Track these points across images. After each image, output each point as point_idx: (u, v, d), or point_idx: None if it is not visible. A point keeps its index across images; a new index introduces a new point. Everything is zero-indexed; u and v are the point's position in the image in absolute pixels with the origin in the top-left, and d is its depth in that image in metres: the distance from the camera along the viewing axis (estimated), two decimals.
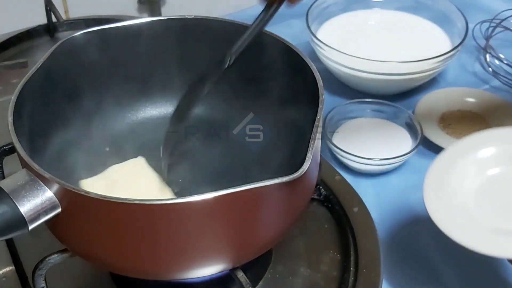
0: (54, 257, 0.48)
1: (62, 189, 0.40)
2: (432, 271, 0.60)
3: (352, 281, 0.54)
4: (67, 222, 0.43)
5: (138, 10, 1.07)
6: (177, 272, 0.45)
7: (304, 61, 0.51)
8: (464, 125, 0.75)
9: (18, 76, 0.53)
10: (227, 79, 0.60)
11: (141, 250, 0.42)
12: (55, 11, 0.83)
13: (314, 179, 0.50)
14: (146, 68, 0.60)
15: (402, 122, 0.74)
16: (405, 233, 0.64)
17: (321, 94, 0.48)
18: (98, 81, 0.58)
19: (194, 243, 0.42)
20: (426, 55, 0.76)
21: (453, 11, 0.85)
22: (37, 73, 0.49)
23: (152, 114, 0.63)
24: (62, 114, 0.55)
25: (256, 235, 0.45)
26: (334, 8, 0.90)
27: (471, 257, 0.61)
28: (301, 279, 0.55)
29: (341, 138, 0.72)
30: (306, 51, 0.82)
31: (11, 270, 0.54)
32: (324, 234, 0.60)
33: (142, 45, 0.58)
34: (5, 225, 0.40)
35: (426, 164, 0.72)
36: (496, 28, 0.91)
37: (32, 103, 0.49)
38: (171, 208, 0.39)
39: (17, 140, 0.43)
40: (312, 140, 0.43)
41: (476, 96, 0.80)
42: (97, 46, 0.55)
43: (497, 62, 0.88)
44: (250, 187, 0.39)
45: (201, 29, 0.57)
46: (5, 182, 0.41)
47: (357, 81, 0.80)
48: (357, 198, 0.61)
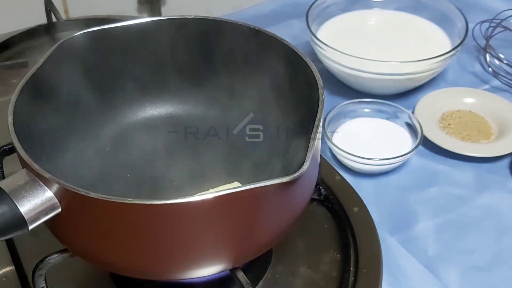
0: (54, 257, 0.48)
1: (62, 189, 0.40)
2: (432, 271, 0.60)
3: (352, 281, 0.54)
4: (67, 222, 0.43)
5: (138, 10, 1.07)
6: (177, 272, 0.45)
7: (304, 61, 0.51)
8: (464, 125, 0.75)
9: (18, 76, 0.53)
10: (227, 80, 0.60)
11: (141, 250, 0.42)
12: (55, 11, 0.83)
13: (314, 179, 0.50)
14: (145, 68, 0.60)
15: (402, 122, 0.74)
16: (405, 233, 0.64)
17: (321, 94, 0.48)
18: (98, 81, 0.58)
19: (194, 243, 0.42)
20: (426, 55, 0.76)
21: (453, 11, 0.85)
22: (37, 73, 0.49)
23: (152, 114, 0.63)
24: (62, 114, 0.55)
25: (256, 235, 0.45)
26: (334, 8, 0.90)
27: (471, 257, 0.61)
28: (301, 279, 0.55)
29: (341, 138, 0.72)
30: (306, 51, 0.82)
31: (11, 270, 0.54)
32: (324, 234, 0.60)
33: (142, 45, 0.58)
34: (5, 225, 0.40)
35: (426, 164, 0.72)
36: (496, 28, 0.91)
37: (32, 103, 0.49)
38: (171, 208, 0.39)
39: (17, 140, 0.43)
40: (312, 140, 0.43)
41: (476, 96, 0.80)
42: (97, 46, 0.55)
43: (497, 62, 0.88)
44: (250, 187, 0.39)
45: (201, 29, 0.57)
46: (5, 182, 0.41)
47: (357, 81, 0.80)
48: (357, 198, 0.61)
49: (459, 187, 0.69)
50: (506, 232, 0.64)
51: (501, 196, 0.68)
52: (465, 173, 0.71)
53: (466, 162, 0.72)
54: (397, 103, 0.75)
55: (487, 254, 0.62)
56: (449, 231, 0.64)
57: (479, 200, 0.68)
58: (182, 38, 0.58)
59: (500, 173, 0.71)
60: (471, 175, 0.71)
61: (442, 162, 0.72)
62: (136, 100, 0.62)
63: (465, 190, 0.69)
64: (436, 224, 0.65)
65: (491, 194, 0.68)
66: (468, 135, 0.74)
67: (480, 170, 0.71)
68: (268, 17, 0.98)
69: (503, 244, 0.63)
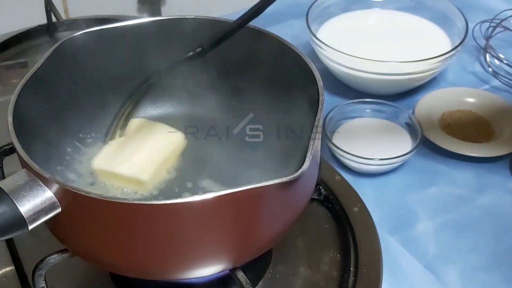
0: (54, 257, 0.48)
1: (62, 189, 0.40)
2: (432, 271, 0.60)
3: (352, 281, 0.54)
4: (67, 222, 0.43)
5: (138, 10, 1.07)
6: (177, 272, 0.45)
7: (304, 61, 0.51)
8: (464, 125, 0.75)
9: (18, 76, 0.53)
10: (227, 80, 0.60)
11: (141, 250, 0.42)
12: (55, 11, 0.83)
13: (314, 179, 0.50)
14: (145, 68, 0.59)
15: (402, 122, 0.74)
16: (405, 233, 0.64)
17: (321, 94, 0.48)
18: (98, 81, 0.58)
19: (194, 243, 0.42)
20: (426, 55, 0.76)
21: (453, 11, 0.85)
22: (37, 73, 0.49)
23: (152, 114, 0.63)
24: (62, 114, 0.55)
25: (256, 235, 0.45)
26: (334, 8, 0.90)
27: (471, 257, 0.61)
28: (301, 279, 0.55)
29: (341, 138, 0.72)
30: (306, 51, 0.82)
31: (11, 270, 0.54)
32: (324, 234, 0.60)
33: (142, 45, 0.58)
34: (5, 225, 0.40)
35: (426, 164, 0.72)
36: (496, 28, 0.91)
37: (32, 103, 0.49)
38: (171, 208, 0.39)
39: (17, 140, 0.43)
40: (312, 140, 0.43)
41: (476, 96, 0.80)
42: (97, 46, 0.55)
43: (497, 62, 0.88)
44: (250, 187, 0.39)
45: (201, 29, 0.57)
46: (5, 182, 0.41)
47: (357, 81, 0.80)
48: (357, 198, 0.61)
49: (459, 187, 0.69)
50: (506, 232, 0.64)
51: (501, 196, 0.68)
52: (465, 173, 0.71)
53: (466, 162, 0.72)
54: (397, 103, 0.75)
55: (487, 254, 0.62)
56: (449, 231, 0.64)
57: (479, 200, 0.68)
58: (182, 38, 0.58)
59: (500, 173, 0.71)
60: (471, 175, 0.71)
61: (442, 162, 0.72)
62: (136, 100, 0.62)
63: (465, 190, 0.69)
64: (436, 224, 0.65)
65: (491, 194, 0.68)
66: (468, 135, 0.74)
67: (480, 170, 0.71)
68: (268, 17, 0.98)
69: (503, 244, 0.63)
